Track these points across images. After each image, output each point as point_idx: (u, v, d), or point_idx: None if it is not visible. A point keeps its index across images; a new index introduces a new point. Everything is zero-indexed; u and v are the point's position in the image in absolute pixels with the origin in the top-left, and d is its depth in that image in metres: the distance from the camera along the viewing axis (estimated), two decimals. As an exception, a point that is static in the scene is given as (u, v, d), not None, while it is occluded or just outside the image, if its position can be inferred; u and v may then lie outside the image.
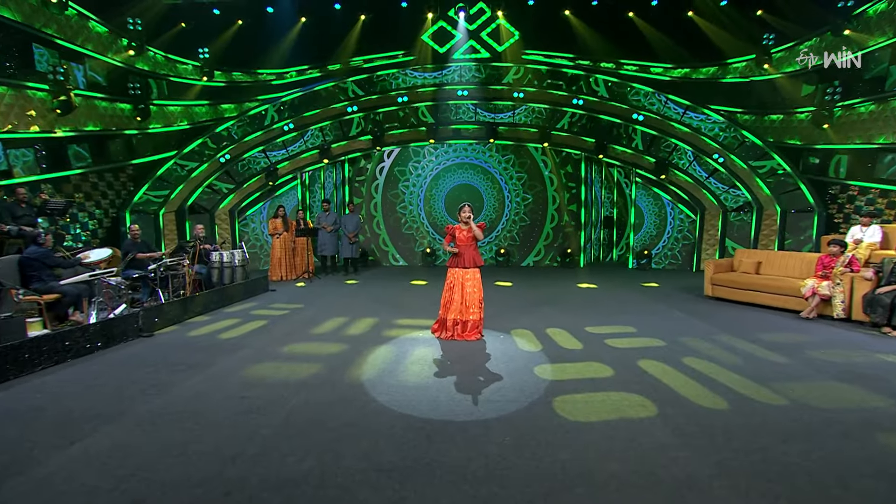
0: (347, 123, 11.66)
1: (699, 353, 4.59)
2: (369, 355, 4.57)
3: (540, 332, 5.40)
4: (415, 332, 5.44)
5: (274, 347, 4.84)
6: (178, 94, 10.47)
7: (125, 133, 9.36)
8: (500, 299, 7.40)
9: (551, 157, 11.90)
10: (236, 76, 11.59)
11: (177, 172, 10.16)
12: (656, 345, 4.89)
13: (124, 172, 9.60)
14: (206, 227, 10.58)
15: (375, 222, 12.24)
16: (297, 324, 5.87)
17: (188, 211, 10.34)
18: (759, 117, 10.28)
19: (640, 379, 3.91)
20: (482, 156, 12.15)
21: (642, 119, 10.45)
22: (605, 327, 5.63)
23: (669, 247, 11.42)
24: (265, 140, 11.03)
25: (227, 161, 10.57)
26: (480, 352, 4.73)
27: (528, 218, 12.14)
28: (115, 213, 9.34)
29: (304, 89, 11.06)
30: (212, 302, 6.56)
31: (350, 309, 6.76)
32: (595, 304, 7.10)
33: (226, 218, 10.84)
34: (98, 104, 8.81)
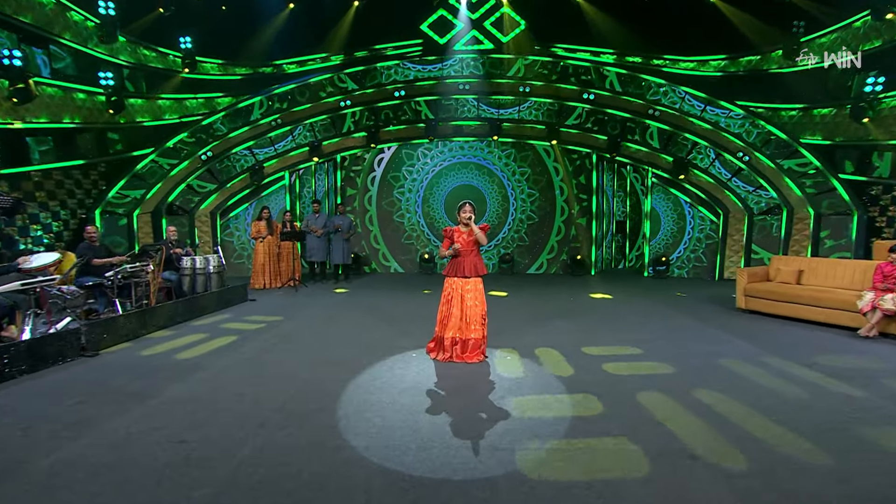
0: (340, 119, 11.03)
1: (749, 382, 3.88)
2: (350, 382, 3.88)
3: (552, 352, 4.70)
4: (407, 352, 4.75)
5: (238, 371, 4.14)
6: (157, 87, 9.86)
7: (96, 126, 8.73)
8: (505, 311, 6.71)
9: (560, 156, 11.24)
10: (215, 68, 10.99)
11: (154, 170, 9.51)
12: (699, 369, 4.19)
13: (95, 169, 8.95)
14: (185, 229, 9.93)
15: (368, 216, 11.57)
16: (271, 341, 5.18)
17: (165, 212, 9.68)
18: (776, 112, 9.58)
19: (720, 422, 3.20)
20: (485, 154, 11.50)
21: (658, 114, 9.79)
22: (631, 348, 4.92)
23: (688, 253, 10.71)
24: (251, 136, 10.40)
25: (210, 158, 9.93)
26: (483, 378, 4.03)
27: (534, 221, 11.46)
28: (83, 214, 8.68)
29: (297, 81, 10.43)
30: (177, 313, 5.87)
31: (335, 323, 6.08)
32: (612, 317, 6.40)
33: (206, 220, 10.18)
34: (64, 94, 8.17)
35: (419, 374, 4.09)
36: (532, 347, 4.89)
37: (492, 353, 4.67)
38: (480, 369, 4.25)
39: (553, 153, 11.26)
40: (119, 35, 8.95)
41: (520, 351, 4.76)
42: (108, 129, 8.95)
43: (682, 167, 9.97)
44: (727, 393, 3.62)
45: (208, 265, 7.04)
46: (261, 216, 8.95)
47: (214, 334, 5.43)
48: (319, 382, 3.87)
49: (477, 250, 4.61)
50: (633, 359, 4.50)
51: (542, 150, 11.33)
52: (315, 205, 9.43)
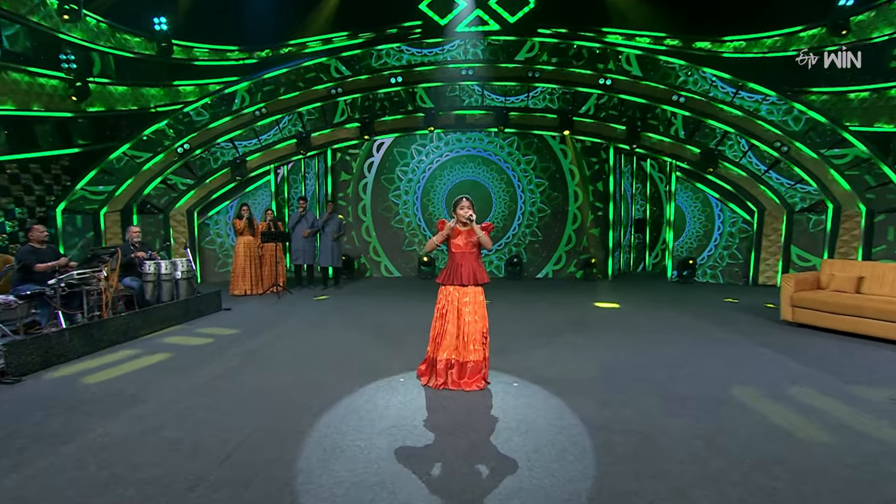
0: (331, 108, 10.44)
1: (832, 417, 3.21)
2: (320, 418, 3.25)
3: (570, 376, 4.05)
4: (395, 377, 4.12)
5: (184, 403, 3.53)
6: (128, 72, 9.29)
7: (57, 115, 8.17)
8: (511, 323, 6.06)
9: (575, 155, 10.58)
10: (200, 52, 10.42)
11: (125, 164, 8.95)
12: (766, 399, 3.52)
13: (57, 163, 8.40)
14: (158, 230, 9.36)
15: (364, 227, 10.96)
16: (233, 361, 4.56)
17: (137, 210, 9.11)
18: (806, 95, 8.80)
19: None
20: (490, 146, 10.85)
21: (684, 101, 9.10)
22: (662, 370, 4.25)
23: (718, 255, 10.00)
24: (233, 127, 9.82)
25: (187, 151, 9.35)
26: (484, 412, 3.38)
27: (545, 220, 10.80)
28: (42, 213, 8.13)
29: (290, 65, 9.84)
30: (133, 327, 5.27)
31: (315, 336, 5.46)
32: (634, 329, 5.73)
33: (182, 219, 9.60)
34: (18, 77, 7.61)
35: (405, 407, 3.46)
36: (543, 370, 4.24)
37: (495, 378, 4.03)
38: (481, 400, 3.61)
39: (569, 153, 10.59)
40: (84, 12, 8.39)
41: (529, 374, 4.11)
42: (72, 119, 8.39)
43: (710, 159, 9.26)
44: (835, 445, 2.95)
45: (175, 270, 6.45)
46: (240, 215, 8.36)
47: (170, 353, 4.82)
48: (281, 418, 3.24)
49: (477, 254, 3.97)
50: (665, 386, 3.84)
51: (553, 142, 10.68)
52: (301, 202, 8.83)
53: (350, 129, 10.53)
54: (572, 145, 10.56)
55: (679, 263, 9.98)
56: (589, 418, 3.24)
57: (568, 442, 2.91)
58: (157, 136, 9.23)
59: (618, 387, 3.85)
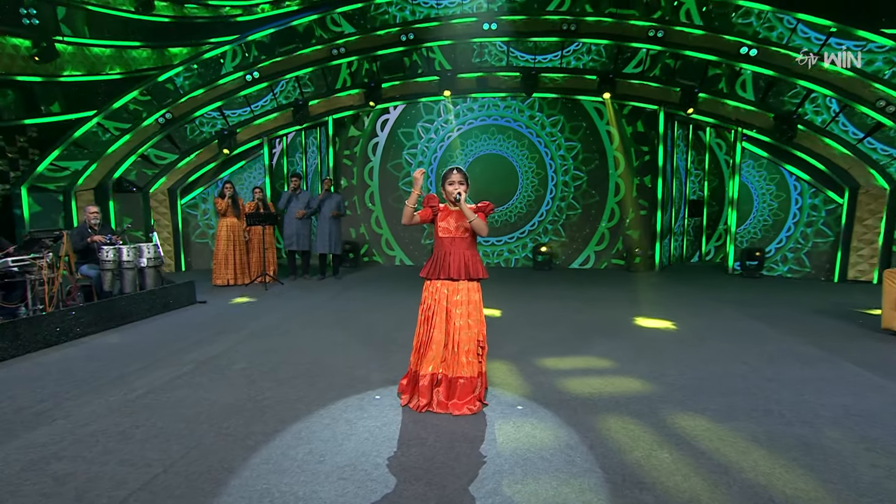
0: (333, 72, 9.94)
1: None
2: (260, 449, 2.74)
3: (587, 398, 3.41)
4: (370, 392, 3.60)
5: (100, 424, 3.09)
6: (103, 31, 9.03)
7: (21, 80, 7.96)
8: (526, 327, 5.43)
9: (614, 112, 9.73)
10: (188, 8, 10.08)
11: (99, 137, 8.71)
12: (877, 443, 2.81)
13: (23, 135, 8.22)
14: (137, 210, 9.11)
15: (374, 218, 10.48)
16: (185, 367, 4.14)
17: (112, 189, 8.89)
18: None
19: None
20: (517, 114, 10.12)
21: (756, 54, 8.09)
22: (723, 397, 3.55)
23: (794, 243, 8.99)
24: (221, 95, 9.45)
25: (169, 122, 9.03)
26: (471, 447, 2.79)
27: (579, 201, 10.03)
28: (6, 190, 7.98)
29: (276, 25, 9.38)
30: (76, 324, 4.93)
31: (291, 337, 5.01)
32: (681, 335, 5.01)
33: (164, 199, 9.34)
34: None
35: (371, 437, 2.91)
36: (559, 389, 3.61)
37: (495, 399, 3.43)
38: (471, 428, 3.03)
39: (606, 112, 9.76)
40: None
41: (539, 394, 3.50)
42: (38, 84, 8.19)
43: (788, 125, 8.25)
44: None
45: (139, 257, 6.11)
46: (222, 193, 7.98)
47: (111, 357, 4.44)
48: (209, 450, 2.75)
49: (470, 240, 3.36)
50: (722, 419, 3.15)
51: (598, 119, 9.85)
52: (294, 180, 8.39)
53: (353, 95, 10.02)
54: (612, 110, 9.71)
55: (743, 253, 9.04)
56: (611, 465, 2.61)
57: (578, 501, 2.30)
58: (136, 106, 8.95)
59: (656, 419, 3.19)
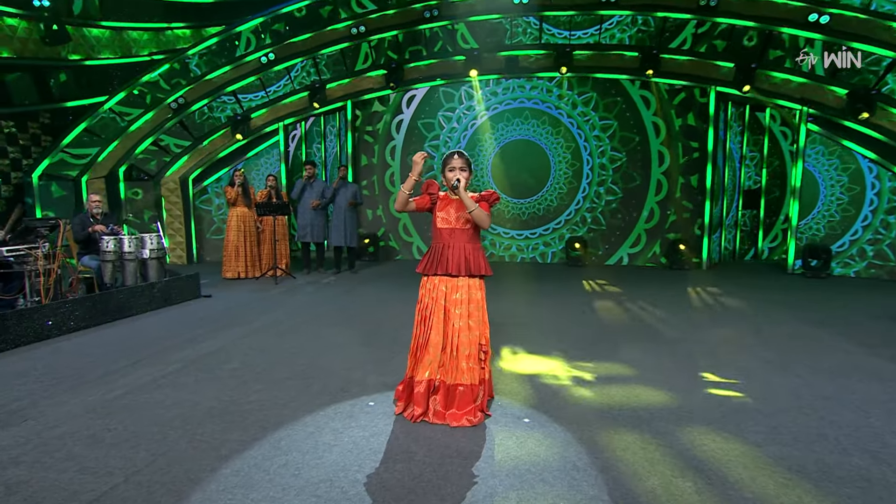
0: (352, 53, 9.81)
1: None
2: (228, 461, 2.57)
3: (605, 412, 3.11)
4: (364, 398, 3.41)
5: (72, 424, 3.00)
6: (119, 13, 9.14)
7: (34, 64, 8.13)
8: (545, 329, 5.14)
9: (658, 94, 9.23)
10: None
11: (112, 123, 8.85)
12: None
13: (36, 121, 8.41)
14: (149, 198, 9.22)
15: (392, 198, 10.32)
16: (172, 366, 4.04)
17: (124, 176, 9.01)
18: None
19: None
20: (549, 96, 9.74)
21: (828, 20, 7.45)
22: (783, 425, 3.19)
23: (869, 237, 8.31)
24: (236, 77, 9.44)
25: (182, 106, 9.09)
26: (465, 464, 2.54)
27: (618, 190, 9.59)
28: (18, 178, 8.18)
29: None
30: (66, 319, 4.92)
31: (292, 335, 4.89)
32: (733, 340, 4.61)
33: (175, 188, 9.42)
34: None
35: (356, 448, 2.71)
36: (573, 401, 3.32)
37: (499, 409, 3.18)
38: (467, 442, 2.79)
39: (653, 102, 9.26)
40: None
41: (550, 406, 3.22)
42: (51, 68, 8.35)
43: (863, 103, 7.56)
44: None
45: (142, 248, 6.12)
46: (232, 181, 7.96)
47: (99, 354, 4.41)
48: (178, 458, 2.61)
49: (472, 232, 3.12)
50: (772, 447, 2.80)
51: (640, 100, 9.37)
52: (308, 168, 8.29)
53: (374, 77, 9.85)
54: (658, 93, 9.20)
55: (806, 249, 8.42)
56: (622, 493, 2.31)
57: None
58: (149, 90, 9.05)
59: (682, 439, 2.86)
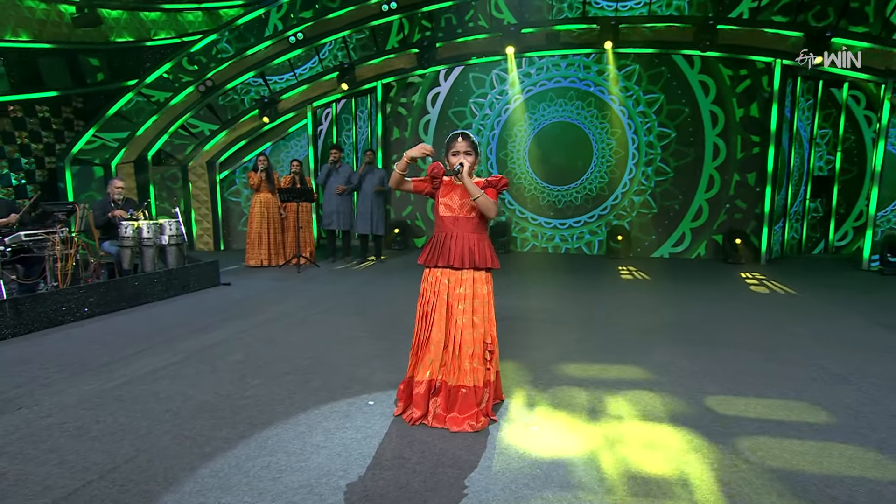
0: (383, 31, 9.72)
1: None
2: (209, 460, 2.52)
3: (622, 425, 2.90)
4: (365, 396, 3.33)
5: (63, 415, 3.05)
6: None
7: (65, 47, 8.43)
8: (570, 328, 4.91)
9: (725, 85, 8.73)
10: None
11: (141, 107, 9.11)
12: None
13: (69, 105, 8.74)
14: (176, 184, 9.46)
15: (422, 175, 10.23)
16: (177, 356, 4.09)
17: (152, 161, 9.28)
18: None
19: None
20: (591, 74, 9.35)
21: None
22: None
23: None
24: (265, 59, 9.53)
25: (209, 89, 9.25)
26: (457, 478, 2.38)
27: (667, 178, 9.15)
28: (52, 164, 8.54)
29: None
30: (80, 304, 5.07)
31: (302, 327, 4.87)
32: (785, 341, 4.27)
33: (203, 173, 9.62)
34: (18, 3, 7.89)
35: (346, 451, 2.62)
36: (590, 410, 3.12)
37: (505, 415, 3.02)
38: (465, 451, 2.64)
39: (712, 88, 8.76)
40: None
41: (563, 414, 3.04)
42: (83, 52, 8.65)
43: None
44: None
45: (161, 234, 6.26)
46: (255, 166, 8.04)
47: (106, 341, 4.51)
48: (163, 454, 2.59)
49: (477, 221, 2.95)
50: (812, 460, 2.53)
51: (695, 79, 8.88)
52: (334, 152, 8.28)
53: (406, 56, 9.73)
54: (723, 81, 8.69)
55: (885, 243, 7.78)
56: None
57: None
58: (177, 72, 9.25)
59: (710, 460, 2.63)
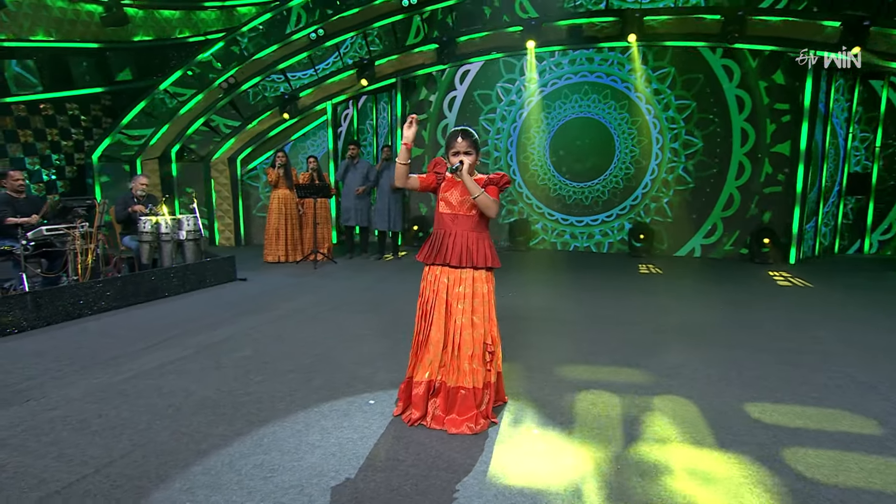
0: (403, 26, 9.68)
1: None
2: (203, 458, 2.52)
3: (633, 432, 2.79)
4: (366, 394, 3.30)
5: (68, 408, 3.09)
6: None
7: (93, 46, 8.62)
8: (587, 327, 4.79)
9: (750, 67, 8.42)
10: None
11: (166, 104, 9.27)
12: None
13: (98, 103, 8.95)
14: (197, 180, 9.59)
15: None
16: (188, 350, 4.13)
17: (176, 157, 9.43)
18: None
19: None
20: (615, 69, 9.13)
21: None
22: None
23: None
24: (285, 55, 9.58)
25: (232, 86, 9.35)
26: (448, 482, 2.33)
27: (692, 175, 8.89)
28: (81, 160, 8.75)
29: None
30: (97, 298, 5.15)
31: (314, 323, 4.88)
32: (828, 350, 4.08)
33: (224, 169, 9.74)
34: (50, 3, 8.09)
35: (340, 451, 2.59)
36: (598, 415, 3.01)
37: (507, 416, 2.94)
38: (463, 452, 2.58)
39: (736, 72, 8.46)
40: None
41: (569, 417, 2.94)
42: (110, 50, 8.83)
43: None
44: None
45: (179, 229, 6.34)
46: (274, 163, 8.09)
47: (120, 334, 4.58)
48: (159, 450, 2.60)
49: (477, 219, 2.88)
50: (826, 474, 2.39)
51: (721, 71, 8.59)
52: (351, 148, 8.28)
53: (425, 52, 9.66)
54: (748, 65, 8.39)
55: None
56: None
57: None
58: (202, 69, 9.38)
59: (722, 471, 2.50)
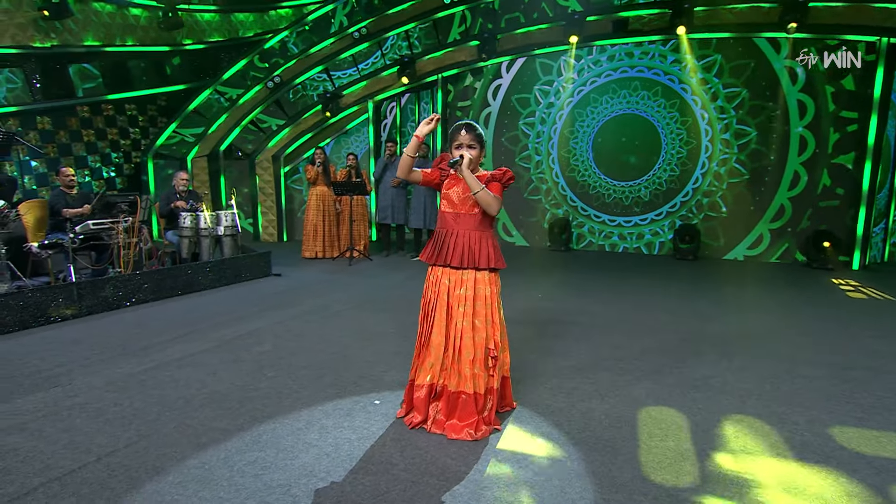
0: (444, 24, 9.61)
1: None
2: (200, 451, 2.54)
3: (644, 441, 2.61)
4: (372, 395, 3.26)
5: (88, 395, 3.21)
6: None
7: (152, 50, 9.02)
8: (626, 330, 4.57)
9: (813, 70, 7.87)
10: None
11: (215, 104, 9.59)
12: None
13: (154, 104, 9.35)
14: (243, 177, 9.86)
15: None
16: (209, 343, 4.23)
17: (223, 156, 9.74)
18: None
19: None
20: (661, 62, 8.72)
21: None
22: None
23: None
24: (330, 55, 9.72)
25: (278, 86, 9.56)
26: (441, 488, 2.24)
27: (744, 171, 8.39)
28: (138, 158, 9.17)
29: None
30: (135, 290, 5.36)
31: (334, 319, 4.90)
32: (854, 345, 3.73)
33: (269, 166, 9.97)
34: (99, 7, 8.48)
35: (335, 452, 2.56)
36: (611, 422, 2.85)
37: (513, 422, 2.82)
38: (459, 459, 2.49)
39: (800, 75, 7.91)
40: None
41: (580, 426, 2.79)
42: (167, 53, 9.21)
43: None
44: None
45: (217, 225, 6.53)
46: (313, 160, 8.21)
47: (149, 325, 4.75)
48: (161, 441, 2.64)
49: (480, 218, 2.77)
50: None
51: (778, 63, 8.05)
52: (389, 146, 8.29)
53: (466, 49, 9.56)
54: (812, 67, 7.82)
55: None
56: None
57: None
58: (247, 70, 9.64)
59: (742, 495, 2.30)
